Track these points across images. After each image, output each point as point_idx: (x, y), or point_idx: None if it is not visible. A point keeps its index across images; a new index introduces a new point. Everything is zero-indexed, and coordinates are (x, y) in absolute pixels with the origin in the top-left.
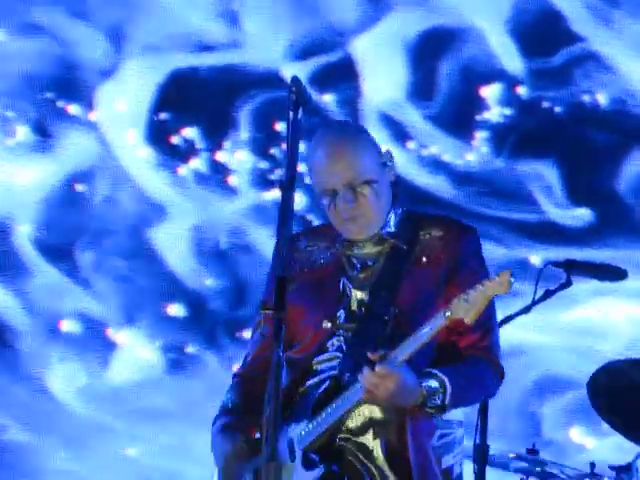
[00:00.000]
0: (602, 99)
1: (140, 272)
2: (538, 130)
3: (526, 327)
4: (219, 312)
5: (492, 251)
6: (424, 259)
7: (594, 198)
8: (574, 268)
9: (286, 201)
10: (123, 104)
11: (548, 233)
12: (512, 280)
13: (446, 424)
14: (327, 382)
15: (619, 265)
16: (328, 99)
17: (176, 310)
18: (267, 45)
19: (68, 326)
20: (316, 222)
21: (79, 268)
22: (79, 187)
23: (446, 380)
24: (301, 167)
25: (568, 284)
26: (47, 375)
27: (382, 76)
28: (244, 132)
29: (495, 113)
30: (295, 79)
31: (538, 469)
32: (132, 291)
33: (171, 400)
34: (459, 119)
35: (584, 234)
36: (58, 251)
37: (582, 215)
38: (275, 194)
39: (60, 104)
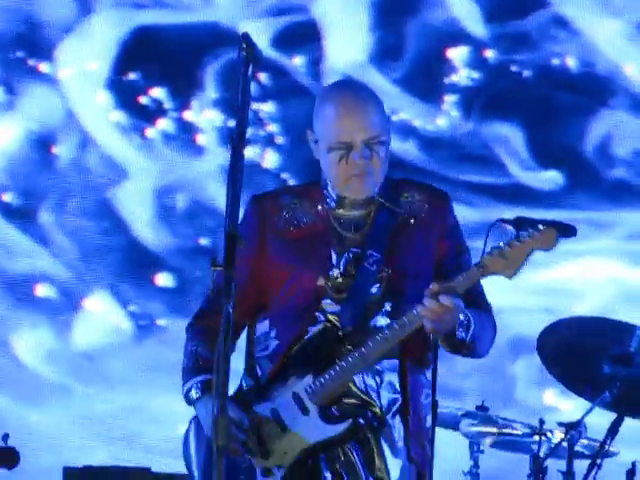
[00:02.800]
0: (570, 62)
1: (106, 234)
2: (507, 93)
3: (502, 288)
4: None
5: (464, 215)
6: (411, 221)
7: (562, 160)
8: (523, 224)
9: (236, 157)
10: (89, 62)
11: (518, 196)
12: (557, 236)
13: (429, 384)
14: (323, 336)
15: (590, 226)
16: (291, 60)
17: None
18: (231, 4)
19: (36, 289)
20: (291, 181)
21: (43, 228)
22: (45, 146)
23: (471, 317)
24: (272, 127)
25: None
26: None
27: (346, 37)
28: (211, 91)
29: (463, 76)
30: (245, 35)
31: (488, 425)
32: (98, 255)
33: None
34: (427, 82)
35: (553, 196)
36: (22, 212)
37: (551, 177)
38: (246, 153)
39: (27, 62)
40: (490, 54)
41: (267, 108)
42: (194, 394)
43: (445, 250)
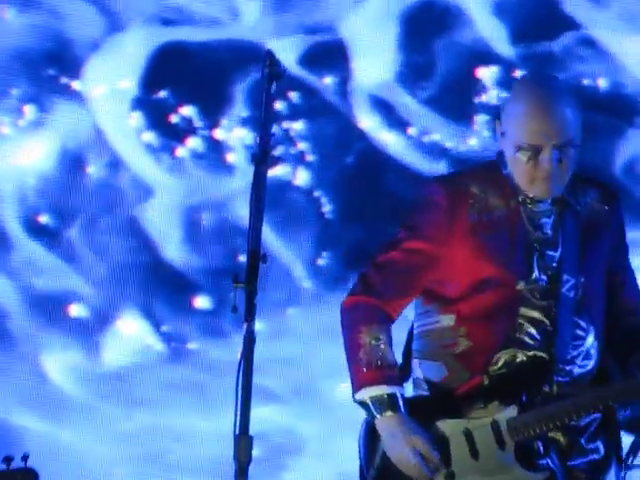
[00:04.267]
0: (599, 82)
1: (134, 253)
2: None
3: None
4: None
5: None
6: (594, 225)
7: None
8: None
9: (259, 175)
10: (119, 80)
11: None
12: None
13: None
14: (532, 356)
15: None
16: (320, 79)
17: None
18: (260, 21)
19: (70, 310)
20: (324, 199)
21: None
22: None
23: None
24: (302, 145)
25: None
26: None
27: (374, 56)
28: (241, 109)
29: (493, 96)
30: (269, 52)
31: None
32: (126, 275)
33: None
34: (457, 102)
35: None
36: (50, 231)
37: None
38: (275, 171)
39: (59, 80)
40: (519, 74)
41: (297, 127)
42: (372, 409)
43: (616, 251)
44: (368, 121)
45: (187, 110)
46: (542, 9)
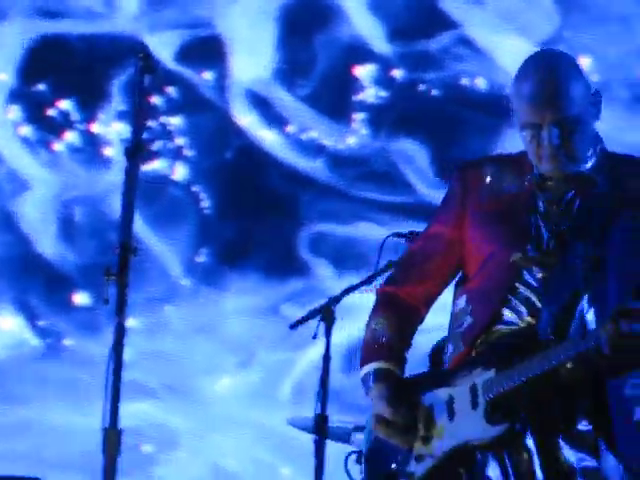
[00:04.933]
0: (478, 82)
1: (8, 247)
2: (414, 112)
3: None
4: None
5: (371, 232)
6: (630, 202)
7: None
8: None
9: (132, 168)
10: None
11: (424, 213)
12: None
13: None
14: (518, 328)
15: None
16: (198, 74)
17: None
18: (138, 16)
19: None
20: (202, 194)
21: None
22: None
23: None
24: (181, 140)
25: None
26: None
27: (252, 53)
28: (118, 103)
29: (371, 94)
30: (142, 46)
31: None
32: (1, 269)
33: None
34: (335, 100)
35: None
36: None
37: None
38: (153, 165)
39: None
40: (397, 73)
41: (175, 121)
42: (365, 384)
43: None
44: (246, 118)
45: (64, 104)
46: (419, 8)
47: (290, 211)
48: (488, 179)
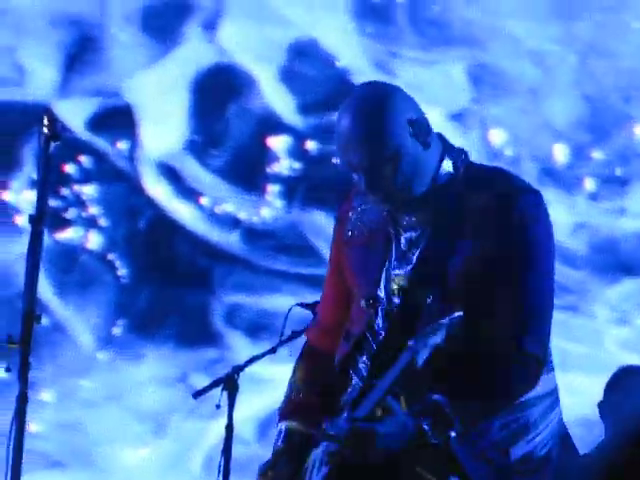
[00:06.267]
0: None
1: None
2: (326, 184)
3: None
4: None
5: (285, 304)
6: (473, 230)
7: None
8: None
9: (36, 236)
10: None
11: None
12: None
13: (510, 411)
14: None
15: None
16: (110, 144)
17: None
18: (48, 83)
19: None
20: (117, 263)
21: None
22: None
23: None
24: (94, 209)
25: None
26: None
27: (162, 123)
28: (30, 171)
29: (285, 166)
30: (47, 111)
31: None
32: None
33: None
34: (249, 171)
35: None
36: None
37: None
38: (68, 234)
39: None
40: (310, 145)
41: (89, 190)
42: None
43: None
44: (158, 189)
45: None
46: (329, 80)
47: (205, 282)
48: (353, 210)
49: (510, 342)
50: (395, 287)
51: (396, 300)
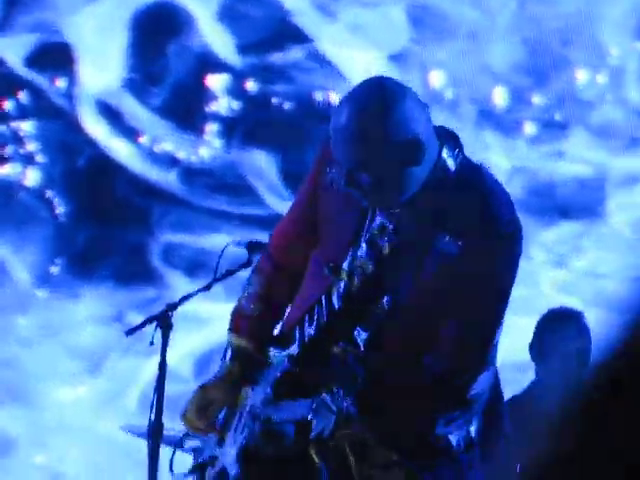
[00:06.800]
0: (331, 95)
1: None
2: (265, 124)
3: None
4: None
5: (223, 244)
6: (442, 247)
7: None
8: (255, 248)
9: None
10: None
11: (273, 225)
12: None
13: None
14: (285, 362)
15: None
16: (48, 80)
17: None
18: None
19: None
20: (56, 200)
21: None
22: None
23: None
24: (32, 145)
25: (249, 263)
26: None
27: (101, 61)
28: None
29: (224, 105)
30: None
31: None
32: None
33: None
34: (188, 110)
35: None
36: None
37: None
38: (5, 170)
39: None
40: (250, 85)
41: (26, 127)
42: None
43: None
44: (97, 127)
45: None
46: (270, 21)
47: (143, 221)
48: (332, 165)
49: (445, 364)
50: (359, 268)
51: (356, 281)
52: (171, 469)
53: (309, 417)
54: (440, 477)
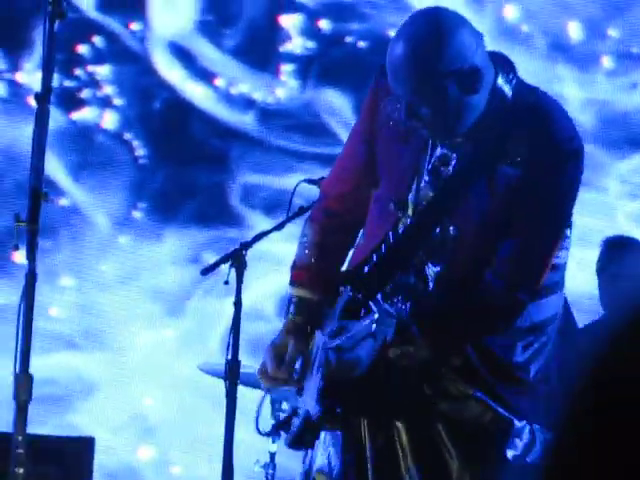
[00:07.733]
0: None
1: None
2: (341, 64)
3: None
4: None
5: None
6: (509, 162)
7: None
8: None
9: (41, 113)
10: None
11: None
12: None
13: (530, 331)
14: (348, 290)
15: None
16: (122, 25)
17: None
18: None
19: None
20: (135, 142)
21: None
22: None
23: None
24: (109, 89)
25: None
26: None
27: (173, 4)
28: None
29: (298, 45)
30: None
31: None
32: None
33: None
34: (262, 51)
35: None
36: None
37: None
38: (84, 114)
39: None
40: (323, 24)
41: (103, 71)
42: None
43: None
44: (171, 71)
45: None
46: None
47: (220, 163)
48: (392, 99)
49: (502, 281)
50: (424, 199)
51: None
52: (257, 428)
53: (373, 328)
54: (517, 409)
